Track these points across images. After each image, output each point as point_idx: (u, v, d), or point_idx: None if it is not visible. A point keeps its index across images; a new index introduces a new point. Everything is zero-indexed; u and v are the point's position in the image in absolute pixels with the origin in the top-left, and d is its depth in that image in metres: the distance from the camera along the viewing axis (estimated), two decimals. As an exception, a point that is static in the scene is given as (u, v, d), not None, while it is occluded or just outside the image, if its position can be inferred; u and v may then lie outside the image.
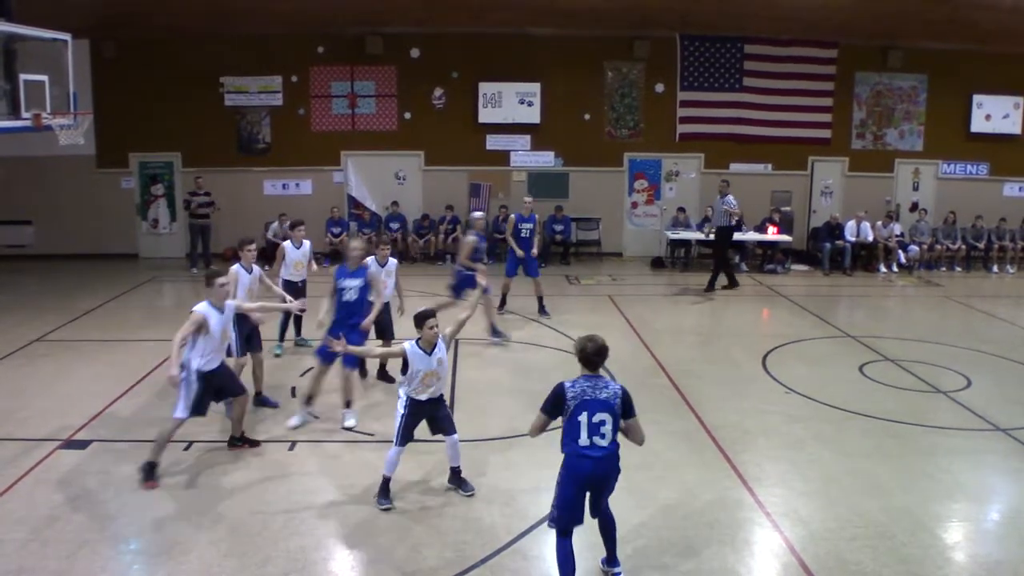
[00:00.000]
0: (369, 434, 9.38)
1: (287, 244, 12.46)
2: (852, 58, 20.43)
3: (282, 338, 12.64)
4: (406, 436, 7.66)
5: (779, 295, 16.89)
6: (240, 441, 8.96)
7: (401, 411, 7.65)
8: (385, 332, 10.96)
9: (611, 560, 6.54)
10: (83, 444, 9.09)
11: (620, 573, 6.52)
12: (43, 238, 20.61)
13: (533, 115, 20.17)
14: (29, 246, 20.70)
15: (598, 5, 17.98)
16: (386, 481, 7.70)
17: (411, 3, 18.34)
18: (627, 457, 8.71)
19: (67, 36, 12.51)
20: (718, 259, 17.06)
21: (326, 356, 9.33)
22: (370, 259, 10.55)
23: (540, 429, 6.37)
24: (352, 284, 9.61)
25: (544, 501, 7.65)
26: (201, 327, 8.21)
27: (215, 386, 8.50)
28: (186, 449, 8.95)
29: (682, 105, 20.52)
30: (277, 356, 12.14)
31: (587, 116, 20.58)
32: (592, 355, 6.26)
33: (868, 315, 16.18)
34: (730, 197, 16.85)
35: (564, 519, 6.22)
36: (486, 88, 20.07)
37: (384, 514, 7.52)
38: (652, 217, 20.85)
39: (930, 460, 8.75)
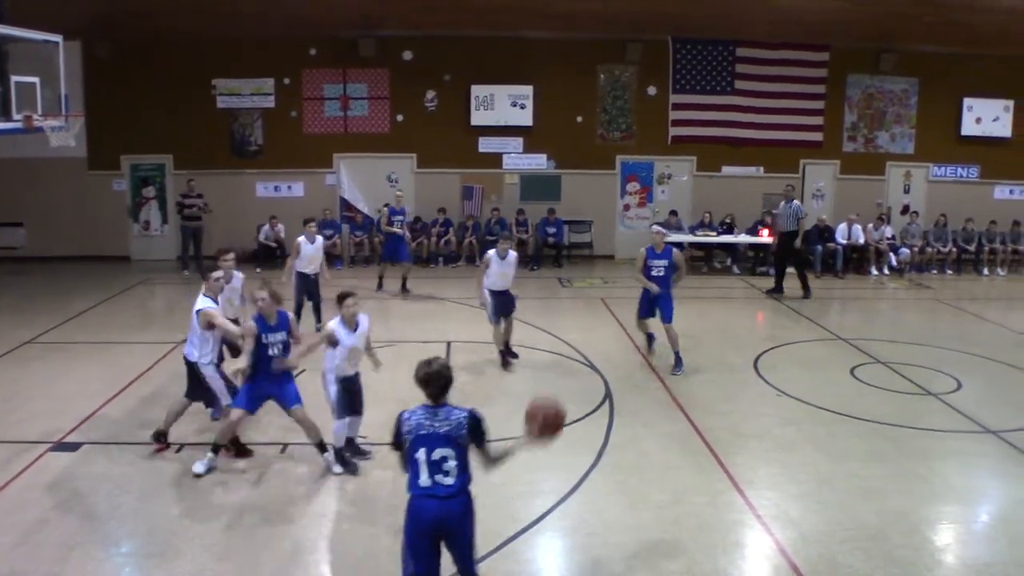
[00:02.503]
0: (361, 436, 9.37)
1: (302, 239, 13.33)
2: (844, 61, 20.49)
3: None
4: (343, 409, 8.33)
5: (771, 298, 16.91)
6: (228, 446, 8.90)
7: (334, 386, 8.31)
8: None
9: None
10: (74, 446, 9.07)
11: None
12: (35, 240, 20.55)
13: (525, 118, 20.20)
14: (21, 248, 20.63)
15: (591, 9, 18.00)
16: (339, 451, 8.42)
17: (404, 6, 18.33)
18: (619, 457, 8.82)
19: (58, 37, 12.47)
20: (782, 262, 17.07)
21: (247, 403, 8.42)
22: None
23: (402, 465, 5.56)
24: (276, 339, 8.33)
25: (537, 505, 7.69)
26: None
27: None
28: (178, 451, 8.95)
29: (674, 108, 20.57)
30: None
31: (580, 119, 20.61)
32: (424, 380, 5.43)
33: (860, 318, 16.22)
34: (796, 202, 16.93)
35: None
36: (478, 91, 20.10)
37: (375, 516, 7.51)
38: (644, 220, 20.86)
39: (922, 462, 8.77)
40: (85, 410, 10.10)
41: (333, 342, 8.20)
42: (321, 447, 8.53)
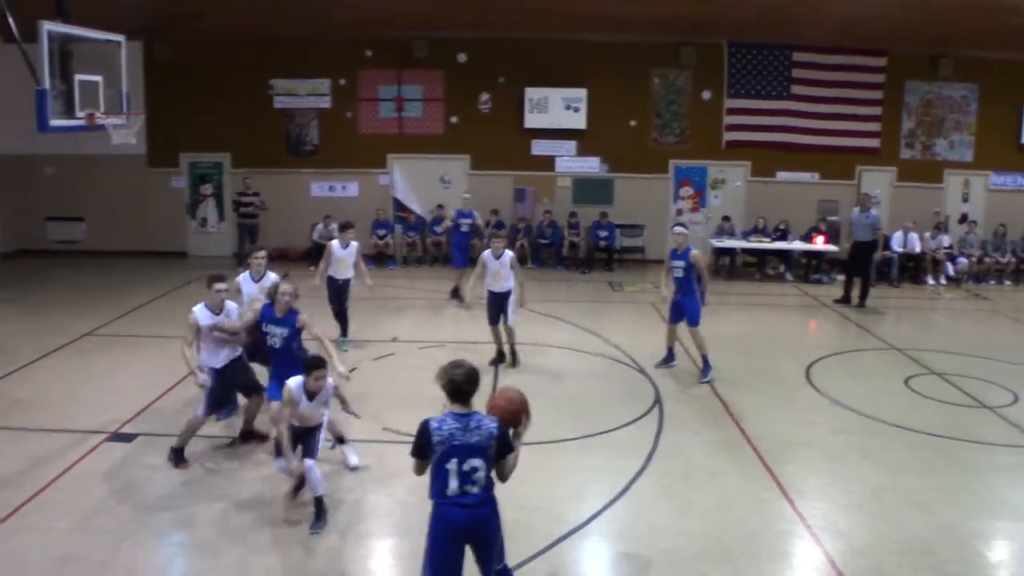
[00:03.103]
0: (410, 435, 9.42)
1: (334, 243, 13.01)
2: (901, 67, 20.19)
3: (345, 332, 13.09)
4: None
5: (825, 306, 16.74)
6: (251, 436, 9.18)
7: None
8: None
9: None
10: (130, 437, 9.31)
11: None
12: (95, 234, 21.02)
13: (579, 121, 20.20)
14: (81, 242, 21.12)
15: (646, 12, 17.92)
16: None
17: (459, 9, 18.43)
18: (667, 463, 8.80)
19: (121, 38, 12.71)
20: (864, 273, 16.76)
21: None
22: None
23: (420, 471, 5.51)
24: (277, 331, 8.55)
25: (584, 508, 7.70)
26: (197, 329, 8.66)
27: (228, 382, 8.92)
28: (229, 445, 9.11)
29: (729, 113, 20.44)
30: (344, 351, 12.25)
31: (633, 122, 20.55)
32: (463, 384, 5.30)
33: (915, 328, 15.98)
34: (874, 212, 16.79)
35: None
36: (532, 93, 20.13)
37: (418, 517, 7.55)
38: (697, 225, 20.75)
39: (975, 476, 8.62)
40: (140, 402, 10.33)
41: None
42: (340, 440, 8.78)
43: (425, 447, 5.30)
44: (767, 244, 19.51)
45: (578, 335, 13.99)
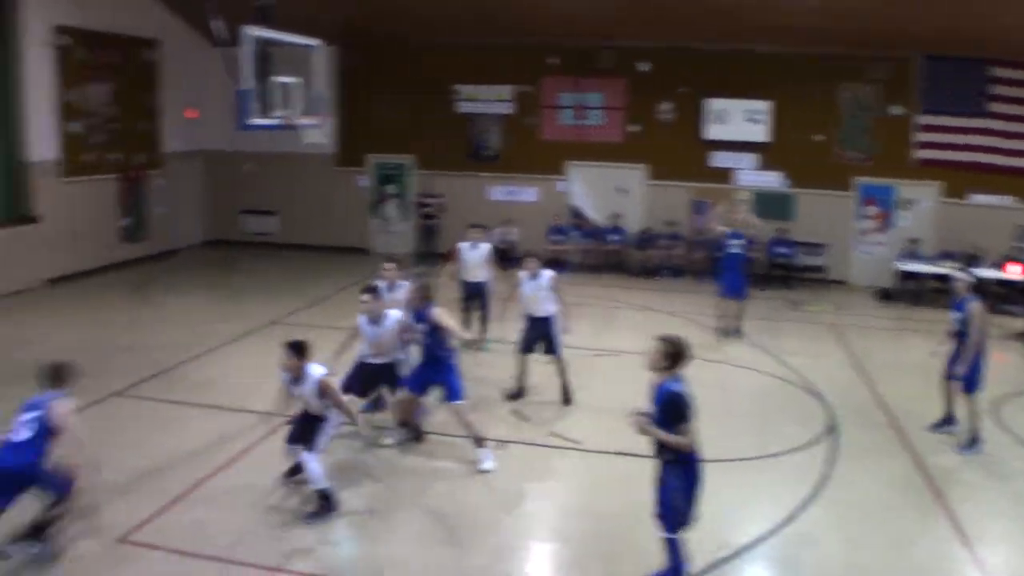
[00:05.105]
0: (576, 441, 9.57)
1: (463, 245, 12.91)
2: (1115, 86, 18.88)
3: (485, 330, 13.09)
4: None
5: (1019, 341, 15.81)
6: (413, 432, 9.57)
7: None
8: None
9: None
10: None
11: None
12: (286, 228, 22.17)
13: (761, 133, 19.82)
14: (273, 235, 22.29)
15: (834, 24, 17.44)
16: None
17: (643, 18, 18.44)
18: (838, 492, 8.57)
19: (317, 42, 13.37)
20: None
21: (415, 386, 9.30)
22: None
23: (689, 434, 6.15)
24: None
25: (750, 532, 7.61)
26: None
27: (371, 374, 9.39)
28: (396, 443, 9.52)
29: (920, 129, 19.60)
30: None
31: (817, 137, 19.99)
32: (688, 352, 6.21)
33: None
34: None
35: (687, 518, 6.30)
36: (714, 104, 19.89)
37: (582, 525, 7.67)
38: (881, 246, 20.00)
39: None
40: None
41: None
42: (478, 442, 8.94)
43: (686, 412, 6.02)
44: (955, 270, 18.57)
45: (753, 353, 13.77)
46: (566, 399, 10.86)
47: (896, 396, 11.48)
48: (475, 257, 12.76)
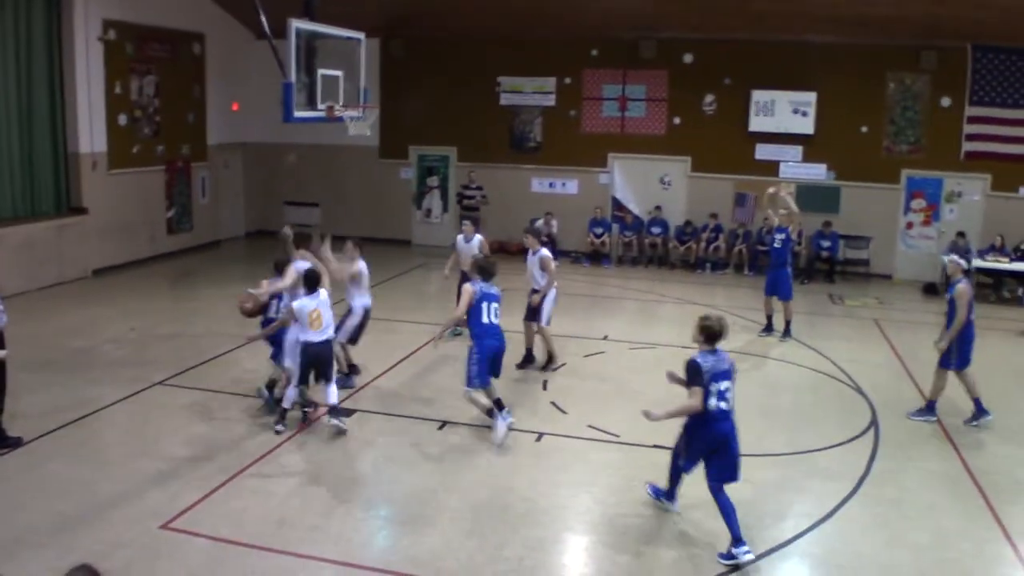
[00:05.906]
0: (614, 435, 9.54)
1: (458, 238, 13.64)
2: None
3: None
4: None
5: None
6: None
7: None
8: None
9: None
10: (348, 412, 9.89)
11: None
12: (328, 219, 22.24)
13: (807, 125, 19.56)
14: (316, 226, 22.37)
15: (883, 13, 17.19)
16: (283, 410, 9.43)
17: (686, 9, 18.30)
18: (879, 489, 8.45)
19: (361, 35, 13.42)
20: None
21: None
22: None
23: (700, 398, 6.90)
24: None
25: (788, 527, 7.54)
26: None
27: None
28: (440, 428, 9.56)
29: (970, 121, 19.21)
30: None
31: (864, 129, 19.70)
32: (721, 332, 7.02)
33: None
34: None
35: (690, 466, 7.31)
36: (758, 96, 19.66)
37: (618, 518, 7.65)
38: (928, 240, 19.70)
39: None
40: (360, 380, 11.11)
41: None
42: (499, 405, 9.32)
43: (699, 376, 6.88)
44: (1005, 264, 18.26)
45: (793, 347, 13.63)
46: (547, 365, 12.03)
47: (942, 394, 11.26)
48: (469, 250, 13.23)
